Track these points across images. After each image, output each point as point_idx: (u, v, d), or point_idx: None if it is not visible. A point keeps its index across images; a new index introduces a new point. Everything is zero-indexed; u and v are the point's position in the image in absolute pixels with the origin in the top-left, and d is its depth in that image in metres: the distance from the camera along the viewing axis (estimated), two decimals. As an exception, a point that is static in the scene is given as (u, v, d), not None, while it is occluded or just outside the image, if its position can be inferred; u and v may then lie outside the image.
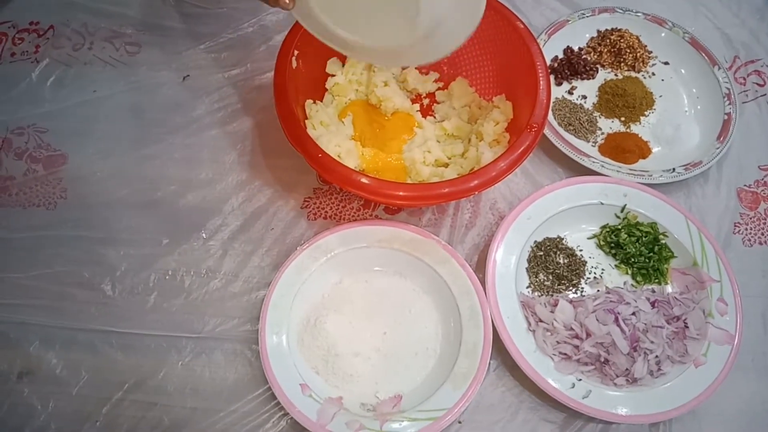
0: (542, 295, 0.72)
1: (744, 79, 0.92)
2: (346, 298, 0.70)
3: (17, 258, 0.74)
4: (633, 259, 0.74)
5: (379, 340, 0.68)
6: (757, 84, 0.91)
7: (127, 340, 0.69)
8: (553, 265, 0.73)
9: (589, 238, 0.76)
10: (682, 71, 0.91)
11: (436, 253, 0.70)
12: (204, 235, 0.75)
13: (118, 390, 0.66)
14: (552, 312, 0.68)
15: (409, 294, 0.70)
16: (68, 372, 0.67)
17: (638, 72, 0.91)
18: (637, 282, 0.73)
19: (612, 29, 0.94)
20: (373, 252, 0.71)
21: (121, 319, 0.70)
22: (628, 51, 0.91)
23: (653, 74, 0.91)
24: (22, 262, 0.73)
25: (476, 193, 0.64)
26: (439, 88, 0.86)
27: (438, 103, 0.86)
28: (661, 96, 0.89)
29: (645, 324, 0.66)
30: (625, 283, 0.73)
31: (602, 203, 0.75)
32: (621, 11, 0.94)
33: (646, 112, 0.87)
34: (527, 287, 0.72)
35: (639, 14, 0.94)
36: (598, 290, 0.72)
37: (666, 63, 0.92)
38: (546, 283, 0.72)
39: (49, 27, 0.92)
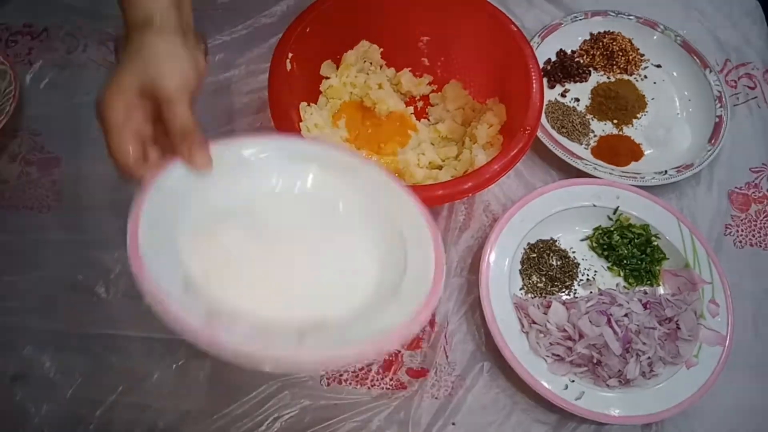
0: (535, 296, 0.72)
1: (735, 82, 0.92)
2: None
3: (10, 261, 0.74)
4: (625, 261, 0.74)
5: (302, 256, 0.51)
6: (748, 87, 0.92)
7: (121, 343, 0.69)
8: (546, 267, 0.73)
9: (581, 240, 0.77)
10: (674, 74, 0.92)
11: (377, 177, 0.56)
12: (198, 237, 0.75)
13: (111, 393, 0.66)
14: (545, 314, 0.68)
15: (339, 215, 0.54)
16: (61, 375, 0.67)
17: (630, 75, 0.92)
18: (630, 284, 0.74)
19: (604, 32, 0.94)
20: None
21: (115, 321, 0.70)
22: (621, 54, 0.91)
23: (645, 77, 0.92)
24: (15, 265, 0.73)
25: (470, 195, 0.65)
26: (432, 91, 0.87)
27: (432, 105, 0.86)
28: (653, 99, 0.90)
29: (637, 325, 0.67)
30: (617, 285, 0.74)
31: (595, 205, 0.75)
32: (613, 14, 0.95)
33: (638, 115, 0.88)
34: (520, 289, 0.72)
35: (631, 17, 0.94)
36: (591, 292, 0.73)
37: (658, 66, 0.93)
38: (539, 284, 0.73)
39: (43, 29, 0.92)
